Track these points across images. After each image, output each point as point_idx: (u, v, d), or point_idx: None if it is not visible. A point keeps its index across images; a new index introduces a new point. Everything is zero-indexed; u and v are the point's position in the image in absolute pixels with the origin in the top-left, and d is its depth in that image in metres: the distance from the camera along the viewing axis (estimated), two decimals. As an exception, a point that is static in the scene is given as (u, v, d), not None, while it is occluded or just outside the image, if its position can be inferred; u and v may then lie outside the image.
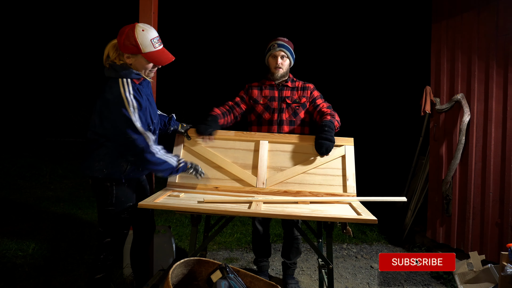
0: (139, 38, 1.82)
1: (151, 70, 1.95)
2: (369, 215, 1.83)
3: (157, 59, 1.89)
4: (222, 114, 2.48)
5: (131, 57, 1.86)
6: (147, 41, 1.84)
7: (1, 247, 3.25)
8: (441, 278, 2.99)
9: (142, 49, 1.83)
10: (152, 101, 2.05)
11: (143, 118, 1.86)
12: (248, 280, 1.75)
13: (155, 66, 1.95)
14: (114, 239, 1.99)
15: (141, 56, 1.85)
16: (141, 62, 1.87)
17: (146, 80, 2.00)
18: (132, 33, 1.82)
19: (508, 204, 2.90)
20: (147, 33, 1.84)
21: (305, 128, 2.59)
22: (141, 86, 1.93)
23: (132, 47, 1.83)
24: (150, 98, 2.01)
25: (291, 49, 2.56)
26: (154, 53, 1.86)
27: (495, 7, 3.00)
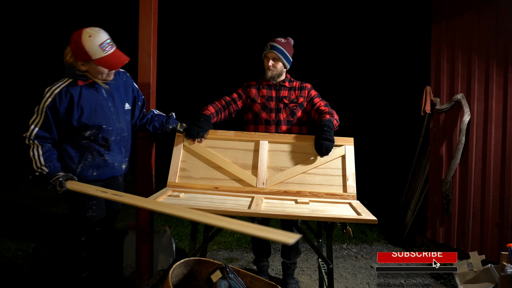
0: (87, 46, 1.81)
1: (109, 74, 1.95)
2: (369, 215, 1.83)
3: (108, 64, 1.88)
4: (215, 113, 2.45)
5: (85, 64, 1.88)
6: (95, 47, 1.82)
7: (1, 247, 3.25)
8: (441, 278, 2.98)
9: (92, 56, 1.83)
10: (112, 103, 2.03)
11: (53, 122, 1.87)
12: (248, 280, 1.75)
13: (111, 71, 1.95)
14: (88, 237, 2.03)
15: (93, 62, 1.86)
16: (94, 68, 1.88)
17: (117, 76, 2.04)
18: (80, 40, 1.82)
19: (508, 204, 2.90)
20: (95, 38, 1.83)
21: (303, 128, 2.59)
22: (89, 90, 1.94)
23: (82, 55, 1.84)
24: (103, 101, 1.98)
25: (284, 52, 2.50)
26: (104, 58, 1.85)
27: (495, 7, 3.00)
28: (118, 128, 2.05)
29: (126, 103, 2.13)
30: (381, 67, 9.95)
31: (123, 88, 2.13)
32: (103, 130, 1.98)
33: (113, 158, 2.06)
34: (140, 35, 2.44)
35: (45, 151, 1.87)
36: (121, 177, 2.23)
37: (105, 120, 1.98)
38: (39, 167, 1.84)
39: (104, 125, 1.97)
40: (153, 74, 2.48)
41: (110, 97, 2.03)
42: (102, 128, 1.97)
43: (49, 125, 1.88)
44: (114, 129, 2.03)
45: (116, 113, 2.05)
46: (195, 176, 2.27)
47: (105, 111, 1.99)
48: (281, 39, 2.53)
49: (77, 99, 1.90)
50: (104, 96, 2.00)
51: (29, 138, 1.87)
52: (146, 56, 2.44)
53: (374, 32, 10.19)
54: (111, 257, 3.10)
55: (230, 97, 2.58)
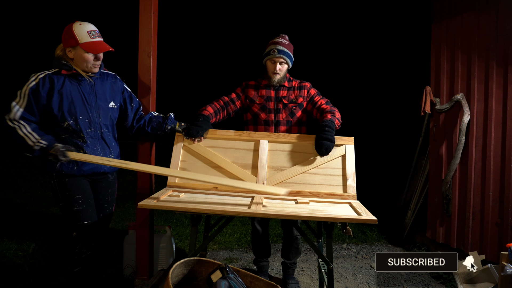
0: (76, 30, 1.98)
1: (94, 64, 2.04)
2: (369, 215, 1.83)
3: (93, 48, 1.99)
4: (214, 113, 2.45)
5: (72, 50, 2.00)
6: (84, 33, 1.98)
7: (1, 247, 3.25)
8: (441, 278, 2.98)
9: (79, 39, 1.97)
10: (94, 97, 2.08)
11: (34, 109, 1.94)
12: (248, 280, 1.75)
13: (97, 60, 2.04)
14: (79, 232, 2.05)
15: (79, 47, 1.97)
16: (80, 53, 1.99)
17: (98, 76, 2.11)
18: (70, 27, 1.99)
19: (508, 204, 2.90)
20: (84, 26, 2.00)
21: (302, 128, 2.58)
22: (72, 81, 2.02)
23: (71, 40, 1.98)
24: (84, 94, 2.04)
25: (290, 54, 2.51)
26: (91, 42, 1.99)
27: (495, 7, 3.00)
28: (96, 122, 2.09)
29: (111, 102, 2.18)
30: (381, 67, 9.95)
31: (110, 88, 2.19)
32: (79, 121, 2.03)
33: (92, 153, 2.08)
34: (140, 35, 2.44)
35: (33, 128, 1.93)
36: (111, 175, 2.24)
37: (82, 112, 2.04)
38: (35, 142, 1.90)
39: (80, 116, 2.03)
40: (153, 74, 2.48)
41: (92, 92, 2.09)
42: (78, 119, 2.02)
43: (32, 108, 1.94)
44: (91, 122, 2.07)
45: (96, 107, 2.09)
46: (195, 176, 2.27)
47: (84, 103, 2.05)
48: (283, 41, 2.52)
49: (58, 87, 1.99)
50: (86, 89, 2.07)
51: (13, 119, 1.91)
52: (146, 56, 2.44)
53: (374, 32, 10.19)
54: (111, 257, 3.11)
55: (229, 97, 2.58)
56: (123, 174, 7.09)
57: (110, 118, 2.17)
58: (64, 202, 2.05)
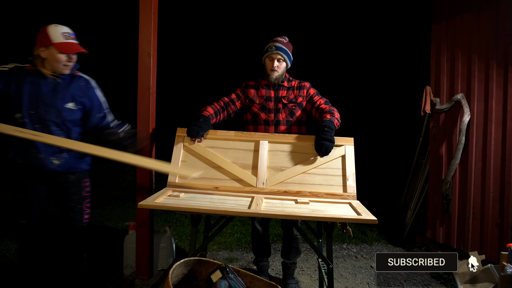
0: (50, 31, 2.04)
1: (66, 65, 2.08)
2: (369, 215, 1.83)
3: (66, 48, 2.04)
4: (214, 114, 2.45)
5: (45, 50, 2.05)
6: (58, 34, 2.04)
7: (1, 247, 3.25)
8: (441, 278, 2.98)
9: (52, 40, 2.02)
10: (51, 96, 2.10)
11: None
12: (248, 280, 1.75)
13: (69, 61, 2.08)
14: (16, 230, 2.18)
15: (52, 47, 2.02)
16: (53, 53, 2.04)
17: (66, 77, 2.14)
18: (45, 27, 2.05)
19: (508, 204, 2.90)
20: (59, 28, 2.06)
21: (302, 128, 2.59)
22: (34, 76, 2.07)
23: (44, 40, 2.03)
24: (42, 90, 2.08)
25: (288, 52, 2.52)
26: (63, 43, 2.04)
27: (495, 7, 3.00)
28: (45, 119, 2.09)
29: (70, 103, 2.16)
30: (381, 67, 9.95)
31: (77, 90, 2.19)
32: (29, 115, 2.06)
33: (38, 149, 2.09)
34: (140, 35, 2.44)
35: None
36: (71, 175, 2.23)
37: (33, 107, 2.07)
38: None
39: (31, 111, 2.06)
40: (153, 74, 2.48)
41: (51, 91, 2.11)
42: (28, 113, 2.06)
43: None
44: (40, 119, 2.09)
45: (49, 105, 2.10)
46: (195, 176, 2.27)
47: (38, 100, 2.08)
48: (282, 39, 2.53)
49: (18, 79, 2.06)
50: (45, 87, 2.10)
51: None
52: (146, 56, 2.44)
53: (374, 32, 10.19)
54: (111, 257, 3.10)
55: (229, 98, 2.58)
56: (123, 174, 7.08)
57: (63, 118, 2.14)
58: (13, 195, 2.22)
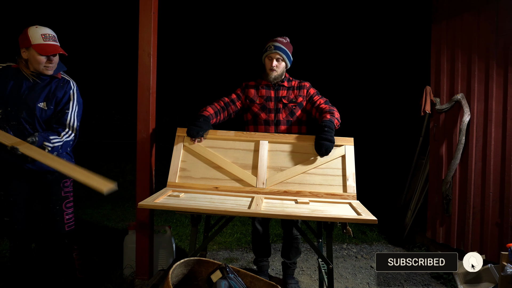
0: (30, 33, 2.07)
1: (46, 66, 2.12)
2: (369, 215, 1.83)
3: (44, 50, 2.07)
4: (214, 114, 2.45)
5: (26, 51, 2.09)
6: (37, 35, 2.07)
7: (1, 247, 3.25)
8: (441, 278, 2.99)
9: (32, 41, 2.05)
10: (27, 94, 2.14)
11: None
12: (248, 280, 1.75)
13: (50, 62, 2.11)
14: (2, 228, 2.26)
15: (32, 48, 2.06)
16: (33, 54, 2.08)
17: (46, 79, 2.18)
18: (27, 29, 2.09)
19: (508, 204, 2.90)
20: (39, 29, 2.09)
21: (302, 128, 2.59)
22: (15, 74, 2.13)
23: (25, 41, 2.08)
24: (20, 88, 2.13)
25: (287, 52, 2.52)
26: (42, 44, 2.07)
27: (495, 7, 3.00)
28: (19, 117, 2.13)
29: (43, 102, 2.18)
30: (381, 67, 9.96)
31: (52, 89, 2.20)
32: (8, 112, 2.12)
33: None
34: (140, 35, 2.44)
35: None
36: (50, 175, 2.30)
37: (11, 104, 2.12)
38: None
39: (9, 108, 2.12)
40: (153, 74, 2.48)
41: (29, 89, 2.15)
42: (7, 110, 2.12)
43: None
44: (15, 116, 2.13)
45: (23, 104, 2.13)
46: (195, 176, 2.27)
47: (16, 97, 2.12)
48: (282, 39, 2.53)
49: (7, 76, 2.14)
50: (23, 85, 2.14)
51: None
52: (146, 56, 2.44)
53: (374, 32, 10.19)
54: (111, 257, 3.10)
55: (229, 98, 2.58)
56: (123, 174, 7.09)
57: (36, 117, 2.16)
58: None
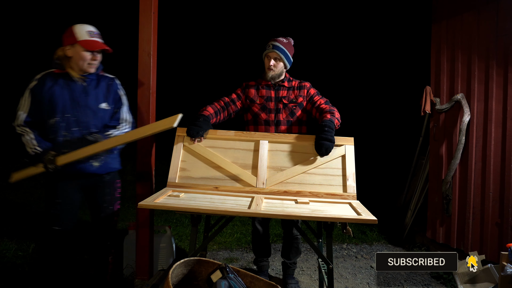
0: (76, 30, 2.07)
1: (91, 64, 2.09)
2: (369, 215, 1.83)
3: (90, 45, 2.06)
4: (214, 114, 2.45)
5: (70, 48, 2.07)
6: (83, 31, 2.07)
7: (1, 247, 3.25)
8: (441, 278, 2.98)
9: (77, 37, 2.05)
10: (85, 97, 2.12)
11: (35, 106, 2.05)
12: (248, 280, 1.75)
13: (94, 59, 2.09)
14: (45, 233, 2.13)
15: (77, 44, 2.04)
16: (78, 51, 2.06)
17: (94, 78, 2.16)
18: (71, 27, 2.08)
19: (508, 204, 2.90)
20: (85, 27, 2.09)
21: (303, 128, 2.58)
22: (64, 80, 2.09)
23: (70, 38, 2.06)
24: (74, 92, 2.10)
25: (286, 52, 2.51)
26: (88, 40, 2.06)
27: (495, 7, 3.00)
28: (83, 122, 2.11)
29: (104, 103, 2.18)
30: (381, 67, 9.95)
31: (105, 89, 2.21)
32: (66, 118, 2.07)
33: None
34: (140, 35, 2.44)
35: (36, 136, 2.05)
36: (107, 175, 2.24)
37: (69, 110, 2.08)
38: (32, 148, 2.02)
39: (67, 114, 2.08)
40: (153, 74, 2.48)
41: (83, 92, 2.13)
42: (65, 116, 2.07)
43: (32, 109, 2.06)
44: (78, 121, 2.10)
45: (85, 107, 2.12)
46: (195, 176, 2.27)
47: (73, 102, 2.10)
48: (282, 39, 2.53)
49: (50, 84, 2.08)
50: (77, 89, 2.12)
51: (19, 125, 2.06)
52: (146, 56, 2.44)
53: (374, 32, 10.19)
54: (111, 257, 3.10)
55: (229, 97, 2.58)
56: (123, 174, 7.08)
57: (100, 118, 2.16)
58: (46, 202, 2.14)
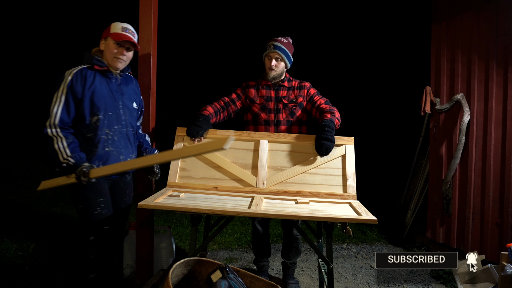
0: (112, 24, 2.04)
1: (119, 58, 2.03)
2: (369, 215, 1.83)
3: (118, 36, 2.00)
4: (214, 113, 2.45)
5: (104, 42, 2.04)
6: (118, 26, 2.03)
7: (1, 247, 3.25)
8: (441, 278, 2.98)
9: (111, 30, 2.02)
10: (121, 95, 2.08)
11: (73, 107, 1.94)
12: (248, 280, 1.75)
13: (122, 54, 2.03)
14: (98, 237, 2.01)
15: (109, 37, 2.01)
16: (109, 44, 2.02)
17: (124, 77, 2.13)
18: (111, 23, 2.06)
19: (508, 204, 2.90)
20: (122, 23, 2.05)
21: (303, 128, 2.58)
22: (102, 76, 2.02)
23: (105, 32, 2.04)
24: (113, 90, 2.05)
25: (287, 52, 2.51)
26: (119, 33, 2.01)
27: (495, 7, 3.00)
28: (123, 120, 2.08)
29: (134, 102, 2.18)
30: (381, 67, 9.96)
31: (134, 89, 2.21)
32: (108, 116, 2.01)
33: (118, 151, 2.05)
34: (140, 35, 2.43)
35: (69, 143, 1.90)
36: (129, 175, 2.23)
37: (111, 108, 2.02)
38: (65, 158, 1.87)
39: (109, 112, 2.01)
40: (153, 74, 2.48)
41: (119, 89, 2.09)
42: (107, 114, 2.00)
43: (69, 107, 1.93)
44: (119, 119, 2.06)
45: (123, 106, 2.09)
46: (195, 176, 2.27)
47: (113, 99, 2.05)
48: (282, 39, 2.53)
49: (90, 82, 1.98)
50: (114, 87, 2.07)
51: (53, 127, 1.89)
52: (146, 56, 2.44)
53: (374, 32, 10.19)
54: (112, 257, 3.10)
55: (229, 97, 2.58)
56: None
57: (133, 117, 2.17)
58: (86, 204, 1.99)
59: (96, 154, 1.99)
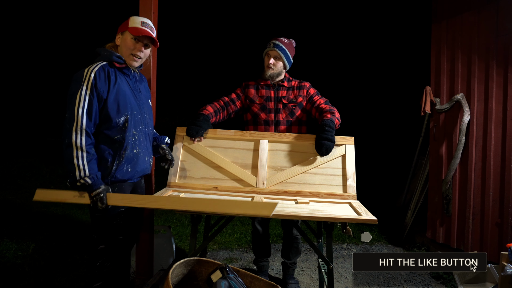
0: (131, 18, 1.94)
1: (134, 54, 1.91)
2: (369, 215, 1.83)
3: (136, 31, 1.89)
4: (214, 113, 2.44)
5: (120, 36, 1.94)
6: (137, 21, 1.93)
7: (1, 247, 3.25)
8: (441, 278, 2.98)
9: (130, 24, 1.92)
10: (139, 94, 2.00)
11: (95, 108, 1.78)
12: (248, 280, 1.75)
13: (139, 50, 1.91)
14: (108, 246, 1.92)
15: (127, 31, 1.90)
16: (126, 39, 1.91)
17: (140, 75, 2.05)
18: (130, 17, 1.96)
19: (508, 204, 2.90)
20: (141, 18, 1.97)
21: (302, 128, 2.58)
22: (122, 74, 1.92)
23: (123, 26, 1.94)
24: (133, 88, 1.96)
25: (287, 52, 2.51)
26: (138, 28, 1.91)
27: (495, 7, 3.00)
28: (145, 119, 2.01)
29: (149, 99, 2.13)
30: (381, 67, 9.96)
31: (146, 86, 2.14)
32: (134, 116, 1.91)
33: (144, 152, 1.98)
34: (140, 35, 2.43)
35: (90, 160, 1.74)
36: (142, 180, 2.14)
37: (135, 107, 1.93)
38: (82, 177, 1.72)
39: (135, 111, 1.92)
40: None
41: (137, 87, 2.00)
42: (133, 113, 1.91)
43: (92, 109, 1.77)
44: (143, 118, 1.99)
45: (143, 103, 2.01)
46: (195, 176, 2.27)
47: (135, 97, 1.96)
48: (284, 39, 2.53)
49: (113, 80, 1.85)
50: (133, 83, 1.97)
51: (80, 132, 1.73)
52: (146, 56, 2.44)
53: (374, 32, 10.19)
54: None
55: (229, 97, 2.58)
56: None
57: (150, 115, 2.11)
58: (105, 213, 1.87)
59: (125, 157, 1.87)
